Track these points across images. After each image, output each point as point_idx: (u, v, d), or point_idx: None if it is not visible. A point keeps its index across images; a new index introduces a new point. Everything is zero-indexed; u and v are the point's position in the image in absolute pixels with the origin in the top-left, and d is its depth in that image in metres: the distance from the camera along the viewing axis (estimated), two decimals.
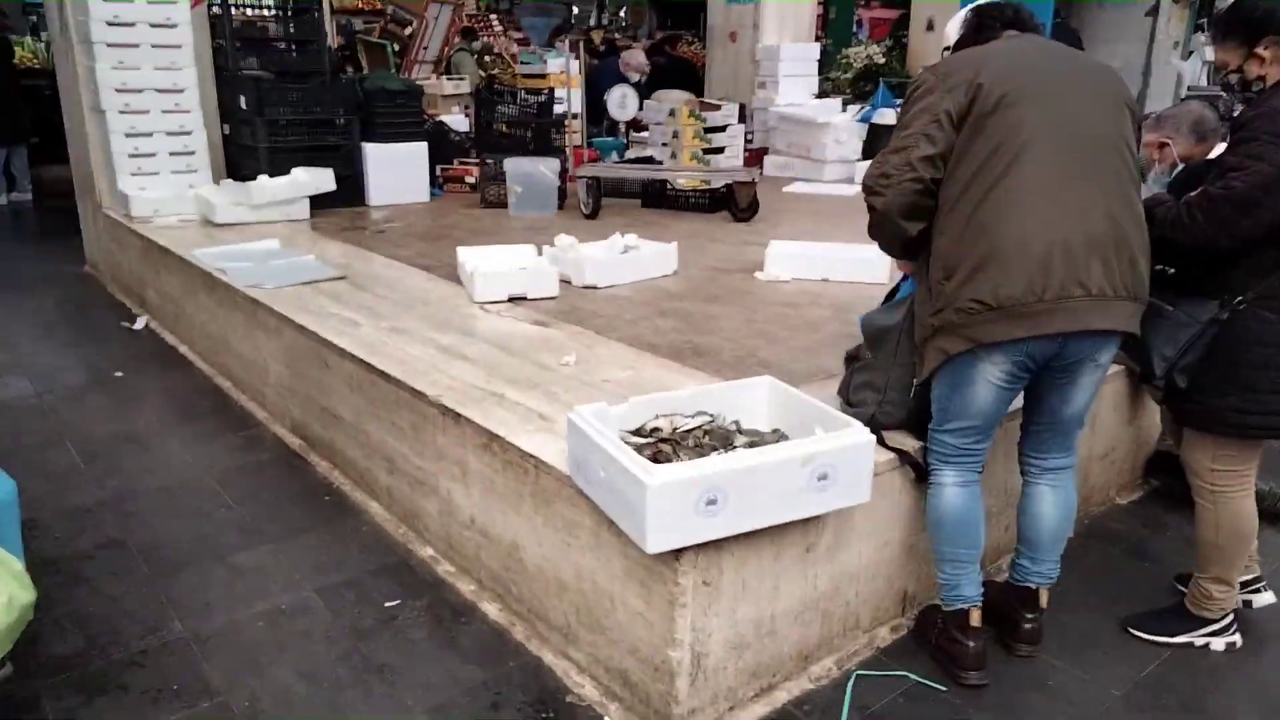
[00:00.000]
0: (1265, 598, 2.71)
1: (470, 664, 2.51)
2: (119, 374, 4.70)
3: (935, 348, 2.27)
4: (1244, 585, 2.70)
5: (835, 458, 2.09)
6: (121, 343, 5.24)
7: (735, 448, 2.18)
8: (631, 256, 4.44)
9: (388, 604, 2.77)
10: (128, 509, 3.32)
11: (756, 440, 2.27)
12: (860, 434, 2.14)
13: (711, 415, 2.36)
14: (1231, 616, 2.59)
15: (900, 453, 2.49)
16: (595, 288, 4.23)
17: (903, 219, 2.28)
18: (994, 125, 2.12)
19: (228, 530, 3.18)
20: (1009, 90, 2.11)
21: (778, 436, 2.34)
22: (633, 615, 2.22)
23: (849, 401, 2.71)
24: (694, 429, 2.30)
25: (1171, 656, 2.56)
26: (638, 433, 2.28)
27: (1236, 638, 2.58)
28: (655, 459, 2.14)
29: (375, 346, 3.33)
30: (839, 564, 2.42)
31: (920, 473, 2.50)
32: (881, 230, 2.37)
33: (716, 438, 2.28)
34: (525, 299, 3.98)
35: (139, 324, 5.48)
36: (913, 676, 2.45)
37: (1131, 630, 2.64)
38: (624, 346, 3.38)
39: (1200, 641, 2.58)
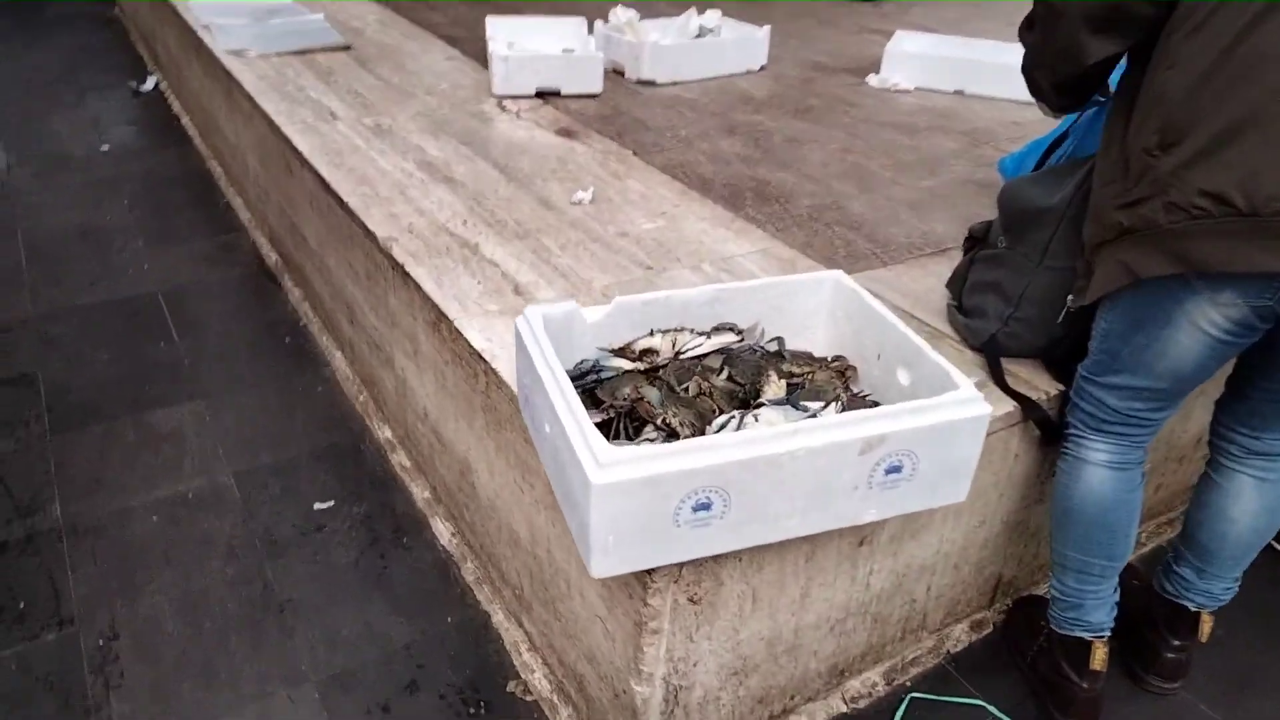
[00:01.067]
0: None
1: (398, 614, 1.90)
2: (105, 147, 4.06)
3: (1117, 260, 1.38)
4: None
5: (920, 443, 1.28)
6: (123, 106, 4.57)
7: (761, 402, 1.37)
8: (707, 44, 3.44)
9: (318, 506, 2.16)
10: (53, 332, 2.75)
11: (799, 379, 1.46)
12: (970, 404, 1.31)
13: (739, 331, 1.54)
14: None
15: (1025, 401, 1.64)
16: (652, 84, 3.28)
17: (1091, 29, 1.34)
18: None
19: (156, 374, 2.59)
20: None
21: (835, 374, 1.52)
22: (592, 615, 1.53)
23: (960, 306, 1.84)
24: (707, 355, 1.50)
25: None
26: (623, 352, 1.49)
27: None
28: (630, 414, 1.37)
29: (341, 154, 2.54)
30: (907, 556, 1.66)
31: (1050, 433, 1.67)
32: (1045, 45, 1.43)
33: (743, 370, 1.47)
34: (558, 95, 3.09)
35: (149, 84, 4.78)
36: (992, 710, 1.73)
37: None
38: (665, 179, 2.51)
39: None
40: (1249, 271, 1.25)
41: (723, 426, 1.27)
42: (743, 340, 1.54)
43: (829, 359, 1.60)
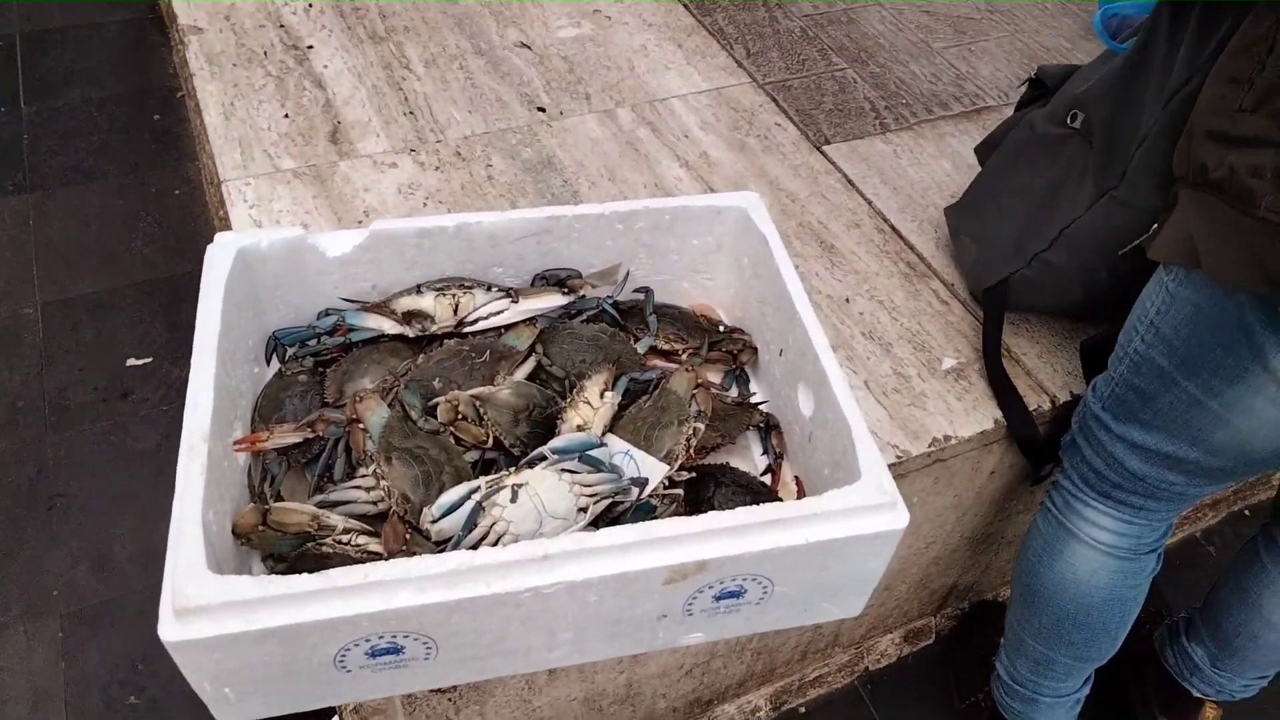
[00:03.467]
0: None
1: None
2: None
3: (1183, 226, 0.81)
4: None
5: (774, 567, 0.78)
6: None
7: (542, 454, 0.85)
8: None
9: (132, 362, 1.74)
10: None
11: (642, 383, 0.94)
12: (871, 514, 0.78)
13: (570, 289, 0.99)
14: None
15: (1012, 408, 1.10)
16: None
17: None
18: None
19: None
20: None
21: (723, 358, 0.99)
22: None
23: (967, 209, 1.24)
24: (514, 325, 0.97)
25: None
26: (381, 309, 0.96)
27: None
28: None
29: None
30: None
31: (1038, 460, 1.14)
32: None
33: (568, 354, 0.95)
34: None
35: None
36: None
37: None
38: None
39: None
40: None
41: (450, 509, 0.78)
42: (581, 298, 1.00)
43: (720, 328, 1.06)
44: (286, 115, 1.36)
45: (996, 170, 1.21)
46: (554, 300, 0.97)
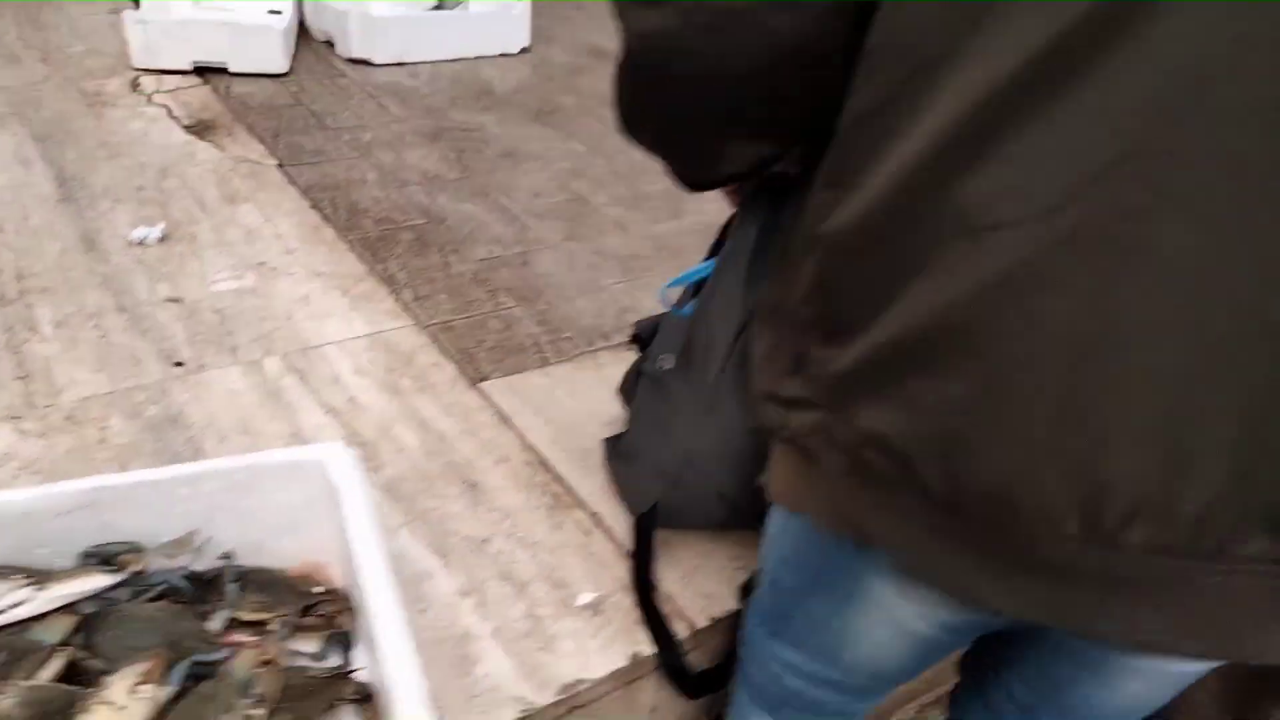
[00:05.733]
0: None
1: None
2: None
3: (781, 469, 0.79)
4: None
5: None
6: None
7: None
8: (446, 18, 2.73)
9: None
10: None
11: (208, 666, 0.83)
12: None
13: (117, 566, 0.89)
14: None
15: (657, 636, 1.06)
16: (367, 64, 2.57)
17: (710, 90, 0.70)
18: None
19: None
20: None
21: (320, 625, 0.90)
22: None
23: (618, 444, 1.25)
24: (46, 615, 0.85)
25: None
26: None
27: None
28: None
29: None
30: None
31: (689, 689, 1.09)
32: (637, 103, 0.78)
33: (117, 638, 0.83)
34: (226, 72, 2.35)
35: None
36: None
37: None
38: (301, 205, 1.82)
39: None
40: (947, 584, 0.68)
41: None
42: (137, 575, 0.89)
43: (320, 590, 0.97)
44: None
45: (635, 412, 1.24)
46: (95, 581, 0.86)
